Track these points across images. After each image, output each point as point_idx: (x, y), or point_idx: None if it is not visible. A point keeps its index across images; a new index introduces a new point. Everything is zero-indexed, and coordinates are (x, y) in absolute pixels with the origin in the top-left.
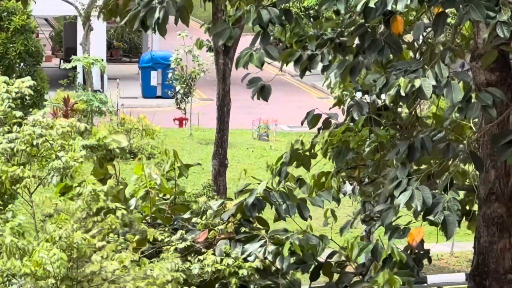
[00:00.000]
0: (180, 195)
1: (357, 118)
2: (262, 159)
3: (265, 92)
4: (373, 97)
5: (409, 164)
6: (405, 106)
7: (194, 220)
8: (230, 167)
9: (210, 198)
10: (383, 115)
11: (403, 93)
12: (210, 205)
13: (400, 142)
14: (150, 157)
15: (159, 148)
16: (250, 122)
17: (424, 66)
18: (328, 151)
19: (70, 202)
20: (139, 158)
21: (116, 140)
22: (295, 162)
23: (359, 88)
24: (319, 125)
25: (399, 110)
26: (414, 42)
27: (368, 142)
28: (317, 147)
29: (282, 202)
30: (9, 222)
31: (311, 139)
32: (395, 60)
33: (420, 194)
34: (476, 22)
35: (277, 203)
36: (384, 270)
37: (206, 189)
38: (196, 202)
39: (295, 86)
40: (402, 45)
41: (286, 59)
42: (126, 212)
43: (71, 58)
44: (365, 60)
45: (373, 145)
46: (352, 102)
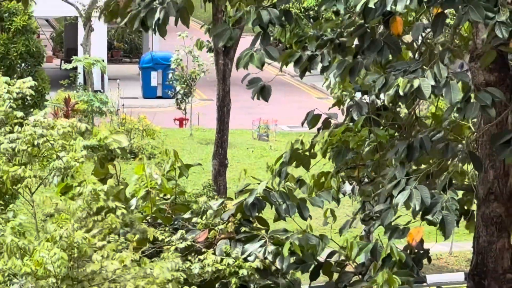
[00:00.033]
0: (181, 195)
1: (356, 118)
2: (262, 159)
3: (265, 92)
4: (372, 97)
5: (408, 164)
6: (404, 106)
7: (194, 220)
8: (230, 167)
9: (210, 198)
10: (382, 115)
11: (401, 92)
12: (210, 205)
13: (399, 142)
14: (151, 157)
15: (160, 148)
16: (250, 122)
17: (423, 66)
18: (328, 151)
19: (71, 202)
20: (140, 158)
21: (117, 140)
22: (294, 162)
23: (359, 89)
24: (319, 125)
25: (398, 110)
26: (413, 42)
27: (367, 142)
28: (316, 147)
29: (282, 202)
30: (10, 222)
31: (310, 139)
32: (394, 61)
33: (419, 193)
34: (475, 22)
35: (277, 203)
36: (383, 270)
37: (206, 189)
38: (196, 202)
39: (294, 87)
40: (401, 45)
41: (286, 59)
42: (126, 211)
43: (72, 58)
44: (364, 61)
45: (372, 145)
46: (351, 103)
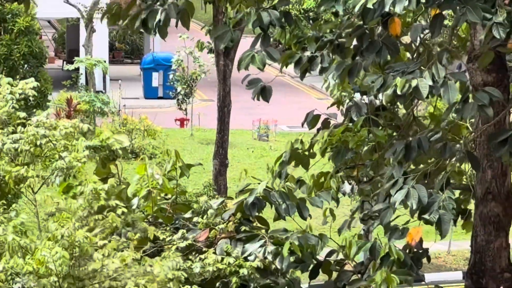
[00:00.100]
0: (182, 194)
1: (355, 118)
2: (262, 159)
3: (266, 93)
4: (371, 97)
5: (406, 163)
6: (402, 107)
7: (195, 219)
8: (230, 167)
9: (211, 197)
10: (381, 115)
11: (399, 92)
12: (211, 204)
13: (397, 142)
14: (152, 157)
15: (161, 148)
16: (250, 123)
17: (421, 67)
18: (327, 150)
19: (72, 201)
20: (141, 159)
21: (118, 140)
22: (294, 161)
23: (358, 89)
24: (318, 125)
25: (397, 110)
26: (412, 43)
27: (366, 142)
28: (316, 147)
29: (281, 202)
30: (11, 221)
31: (310, 139)
32: (393, 62)
33: (416, 192)
34: (473, 23)
35: (277, 202)
36: (382, 269)
37: (207, 188)
38: (197, 202)
39: (294, 87)
40: (400, 46)
41: (286, 61)
42: (126, 210)
43: (73, 59)
44: (363, 62)
45: (370, 144)
46: (350, 103)
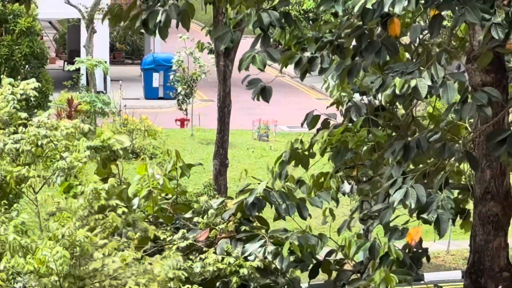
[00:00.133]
0: (182, 194)
1: (355, 119)
2: (262, 159)
3: (266, 93)
4: (370, 98)
5: (404, 163)
6: (401, 107)
7: (195, 219)
8: (230, 167)
9: (211, 197)
10: (380, 115)
11: (398, 91)
12: (211, 204)
13: (396, 142)
14: (152, 157)
15: (161, 148)
16: (250, 123)
17: (420, 67)
18: (327, 150)
19: (72, 200)
20: (142, 159)
21: (119, 141)
22: (294, 160)
23: (357, 90)
24: (318, 125)
25: (396, 111)
26: (411, 44)
27: (366, 142)
28: (315, 147)
29: (281, 202)
30: (12, 221)
31: (310, 139)
32: (392, 62)
33: (415, 192)
34: (472, 24)
35: (276, 202)
36: (381, 268)
37: (207, 188)
38: (197, 202)
39: (294, 88)
40: (399, 47)
41: (286, 62)
42: (126, 210)
43: (74, 60)
44: (362, 62)
45: (369, 144)
46: (350, 104)
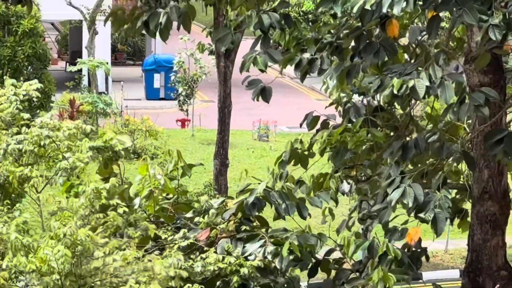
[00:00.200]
0: (183, 194)
1: (354, 119)
2: (262, 159)
3: (266, 93)
4: (369, 98)
5: (403, 163)
6: (400, 107)
7: (196, 219)
8: (231, 167)
9: (211, 197)
10: (379, 116)
11: (396, 92)
12: (212, 204)
13: (394, 142)
14: (153, 157)
15: (162, 148)
16: (251, 123)
17: (418, 68)
18: (326, 150)
19: (74, 200)
20: (143, 159)
21: (121, 141)
22: (293, 160)
23: (356, 91)
24: (318, 126)
25: (394, 111)
26: (409, 45)
27: (365, 142)
28: (315, 147)
29: (281, 202)
30: (14, 220)
31: (309, 139)
32: (391, 63)
33: (412, 191)
34: (469, 25)
35: (276, 202)
36: (379, 268)
37: (207, 188)
38: (198, 201)
39: (294, 88)
40: (397, 48)
41: (286, 63)
42: (127, 209)
43: (76, 61)
44: (361, 63)
45: (368, 144)
46: (349, 104)
